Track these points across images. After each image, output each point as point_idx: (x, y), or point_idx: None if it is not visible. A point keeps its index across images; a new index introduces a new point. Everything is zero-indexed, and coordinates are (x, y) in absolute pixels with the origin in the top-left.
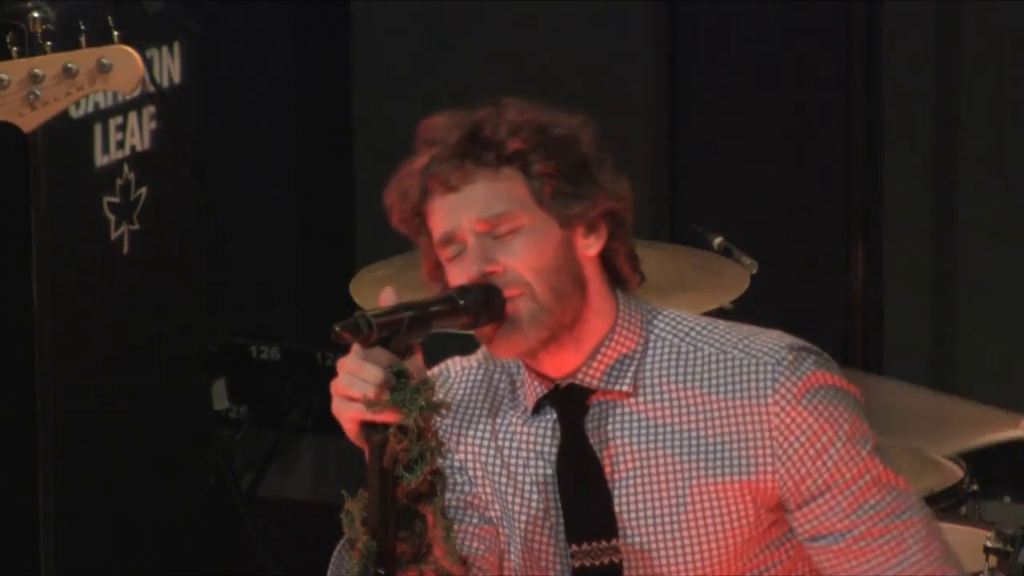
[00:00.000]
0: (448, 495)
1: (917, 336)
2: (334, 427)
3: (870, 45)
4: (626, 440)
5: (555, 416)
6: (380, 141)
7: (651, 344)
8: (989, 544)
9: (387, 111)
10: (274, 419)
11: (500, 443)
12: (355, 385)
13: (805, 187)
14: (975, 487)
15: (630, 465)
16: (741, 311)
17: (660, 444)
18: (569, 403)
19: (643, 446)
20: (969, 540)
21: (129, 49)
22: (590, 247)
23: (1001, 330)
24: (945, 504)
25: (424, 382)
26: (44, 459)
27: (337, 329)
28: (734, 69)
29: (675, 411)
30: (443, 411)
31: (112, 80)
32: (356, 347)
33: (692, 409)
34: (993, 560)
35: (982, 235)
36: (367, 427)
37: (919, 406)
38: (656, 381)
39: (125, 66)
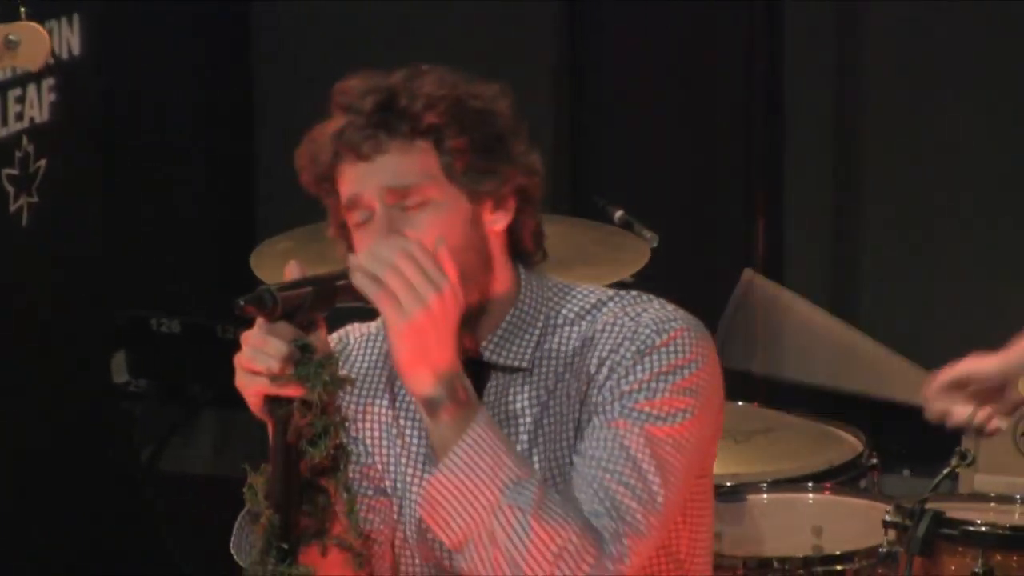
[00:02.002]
0: (353, 466)
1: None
2: (235, 401)
3: (771, 13)
4: (521, 415)
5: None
6: (281, 114)
7: (552, 320)
8: (888, 518)
9: (289, 85)
10: (175, 393)
11: (397, 412)
12: (259, 359)
13: (707, 160)
14: (874, 460)
15: (523, 439)
16: (641, 284)
17: (552, 420)
18: (468, 374)
19: (537, 421)
20: (868, 514)
21: (37, 26)
22: (497, 222)
23: (901, 309)
24: (844, 477)
25: (328, 357)
26: None
27: (241, 303)
28: (636, 41)
29: (569, 387)
30: (347, 386)
31: (19, 57)
32: (260, 321)
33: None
34: (892, 534)
35: (885, 210)
36: (271, 401)
37: (831, 336)
38: (554, 357)
39: (32, 43)
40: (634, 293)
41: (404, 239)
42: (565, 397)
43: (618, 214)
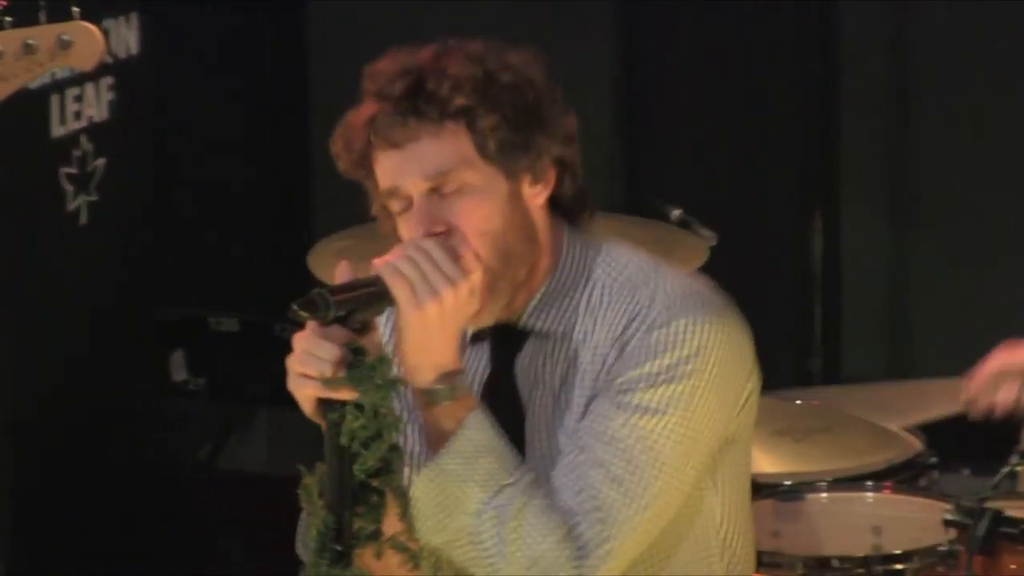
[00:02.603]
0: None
1: (873, 309)
2: (292, 399)
3: (826, 11)
4: (550, 380)
5: (487, 348)
6: (338, 111)
7: (590, 285)
8: (948, 517)
9: (344, 82)
10: (232, 391)
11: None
12: (311, 363)
13: (763, 160)
14: (934, 459)
15: (548, 404)
16: None
17: (572, 390)
18: (504, 338)
19: (560, 388)
20: (928, 513)
21: (90, 26)
22: (538, 195)
23: (957, 302)
24: (904, 476)
25: (381, 359)
26: None
27: (294, 307)
28: (693, 43)
29: (589, 358)
30: (400, 387)
31: (73, 56)
32: (312, 324)
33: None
34: (952, 533)
35: (943, 207)
36: (323, 404)
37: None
38: (590, 324)
39: (86, 42)
40: (656, 266)
41: (425, 239)
42: (583, 367)
43: (676, 213)
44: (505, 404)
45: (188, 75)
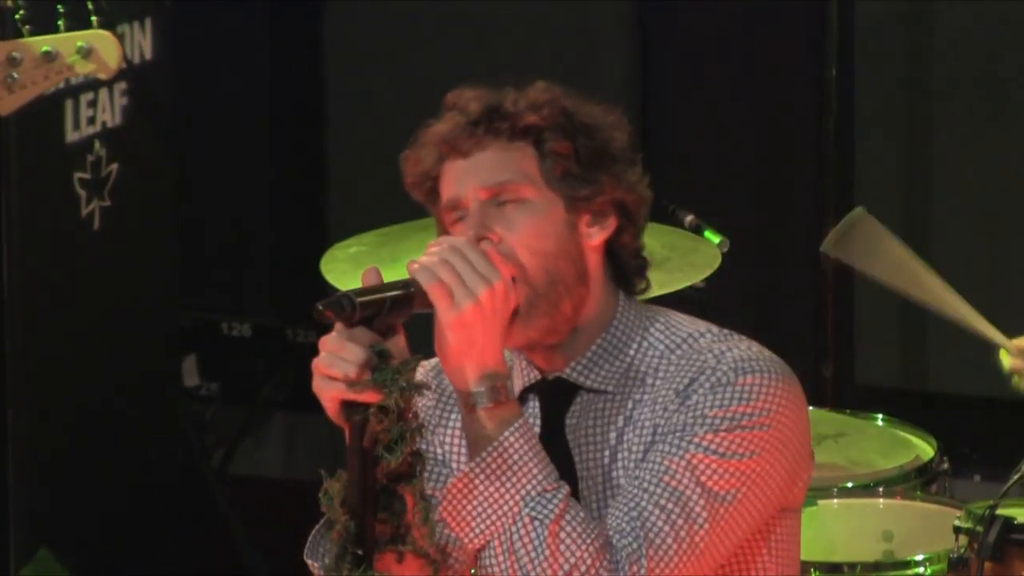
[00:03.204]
0: (432, 485)
1: (887, 315)
2: (305, 404)
3: (842, 15)
4: (603, 438)
5: (537, 405)
6: (352, 118)
7: (643, 348)
8: (959, 523)
9: (360, 89)
10: (245, 396)
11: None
12: (336, 364)
13: (778, 165)
14: (946, 465)
15: (605, 461)
16: (712, 288)
17: (629, 444)
18: (554, 396)
19: (619, 442)
20: (939, 519)
21: (108, 34)
22: (594, 236)
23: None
24: (916, 482)
25: (406, 363)
26: (14, 436)
27: (320, 308)
28: (706, 46)
29: (646, 414)
30: (424, 391)
31: (91, 64)
32: (338, 326)
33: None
34: (963, 539)
35: (957, 216)
36: (348, 407)
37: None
38: (640, 385)
39: (104, 50)
40: (727, 332)
41: (457, 238)
42: (642, 424)
43: (689, 218)
44: (556, 461)
45: (202, 81)
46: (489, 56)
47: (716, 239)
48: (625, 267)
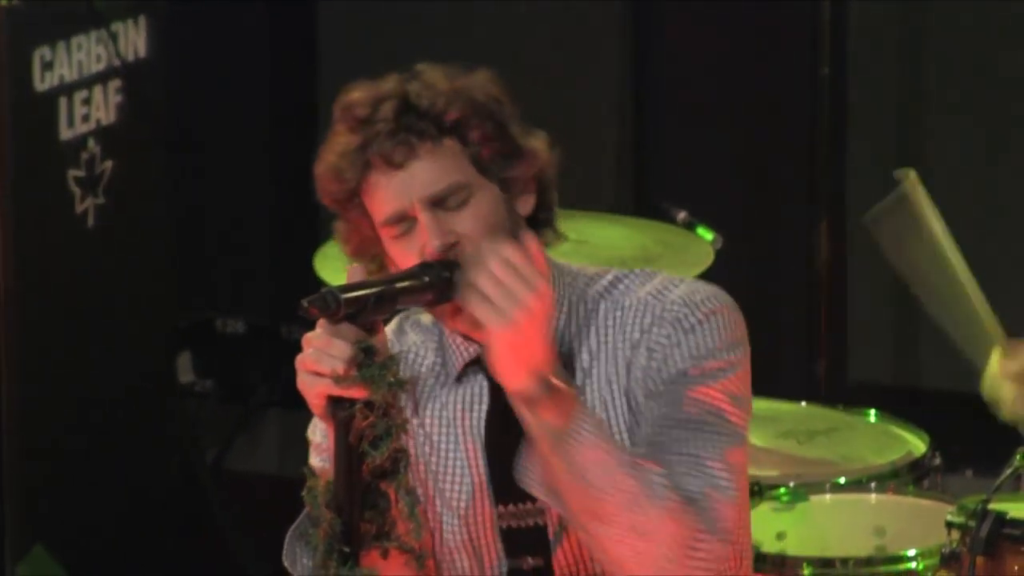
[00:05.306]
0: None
1: (880, 312)
2: (300, 401)
3: (836, 13)
4: None
5: (483, 379)
6: None
7: (573, 302)
8: (951, 518)
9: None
10: (239, 393)
11: (424, 417)
12: (323, 360)
13: (770, 162)
14: (938, 461)
15: None
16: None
17: (592, 407)
18: None
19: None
20: (932, 514)
21: None
22: (524, 206)
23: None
24: (908, 478)
25: (391, 359)
26: (8, 432)
27: (305, 304)
28: (699, 44)
29: (609, 372)
30: (408, 388)
31: None
32: (323, 323)
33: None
34: (955, 534)
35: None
36: (333, 403)
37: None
38: (584, 337)
39: None
40: (640, 271)
41: (499, 246)
42: (601, 379)
43: (681, 215)
44: (508, 427)
45: (195, 78)
46: (481, 54)
47: (709, 236)
48: (540, 226)
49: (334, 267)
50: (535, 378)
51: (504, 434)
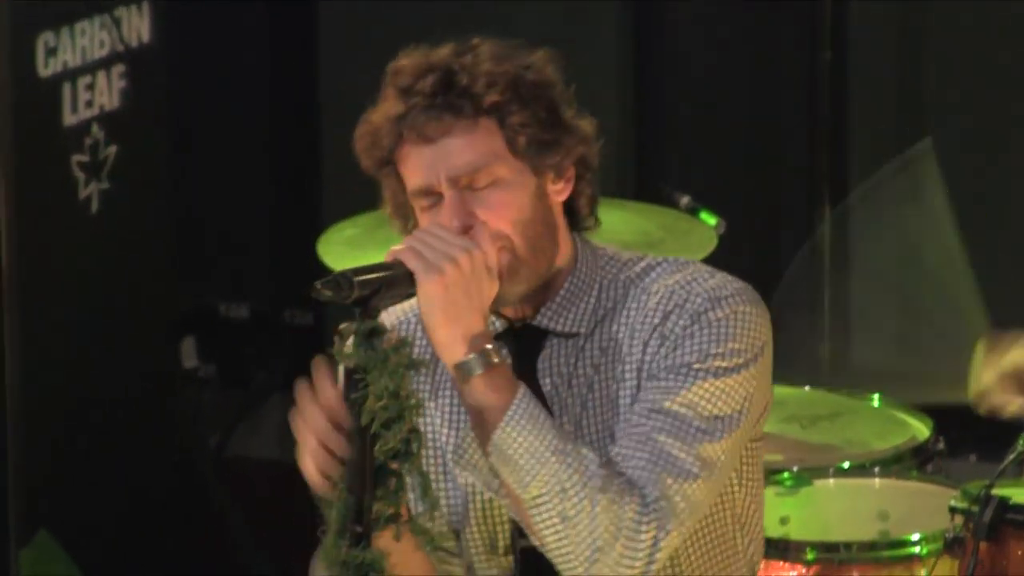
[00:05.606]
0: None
1: (884, 295)
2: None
3: (835, 5)
4: (574, 379)
5: (507, 353)
6: (347, 100)
7: (605, 285)
8: (954, 503)
9: (354, 74)
10: (242, 378)
11: (441, 399)
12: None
13: (772, 147)
14: (941, 446)
15: (576, 403)
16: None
17: (604, 382)
18: (525, 343)
19: (590, 384)
20: (935, 499)
21: None
22: (560, 192)
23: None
24: (911, 463)
25: (401, 342)
26: (11, 417)
27: (318, 286)
28: (701, 28)
29: (622, 350)
30: (420, 370)
31: None
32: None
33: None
34: (958, 519)
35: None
36: (347, 386)
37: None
38: (609, 322)
39: None
40: (674, 259)
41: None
42: (618, 360)
43: (684, 200)
44: None
45: (199, 64)
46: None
47: (712, 220)
48: (581, 211)
49: (337, 252)
50: (470, 347)
51: None
